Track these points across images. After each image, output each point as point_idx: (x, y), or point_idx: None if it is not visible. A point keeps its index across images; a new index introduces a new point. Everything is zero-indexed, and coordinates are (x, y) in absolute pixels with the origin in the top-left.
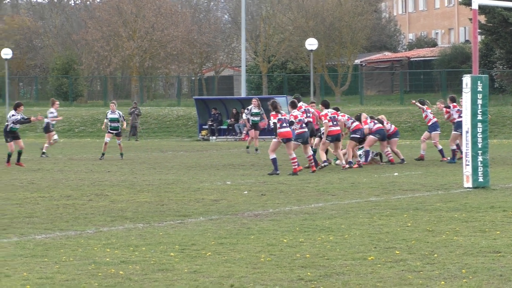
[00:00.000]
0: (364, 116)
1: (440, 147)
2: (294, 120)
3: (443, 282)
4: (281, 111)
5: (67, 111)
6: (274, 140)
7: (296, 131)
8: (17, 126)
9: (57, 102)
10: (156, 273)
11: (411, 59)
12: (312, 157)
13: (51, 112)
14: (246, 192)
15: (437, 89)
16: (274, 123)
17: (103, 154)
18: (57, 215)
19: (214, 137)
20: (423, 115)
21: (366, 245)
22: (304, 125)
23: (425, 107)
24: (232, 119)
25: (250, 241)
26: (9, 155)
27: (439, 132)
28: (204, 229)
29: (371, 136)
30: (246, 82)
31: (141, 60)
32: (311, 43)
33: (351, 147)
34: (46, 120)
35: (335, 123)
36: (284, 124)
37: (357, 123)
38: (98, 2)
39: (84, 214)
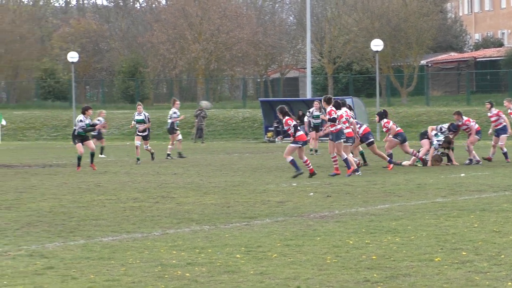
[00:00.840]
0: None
1: (505, 150)
2: (335, 117)
3: (510, 283)
4: (292, 115)
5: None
6: (291, 145)
7: (346, 132)
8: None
9: (178, 102)
10: (222, 275)
11: (477, 60)
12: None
13: (174, 112)
14: (311, 193)
15: (503, 89)
16: (295, 125)
17: (138, 159)
18: (123, 217)
19: (279, 139)
20: (494, 118)
21: (433, 246)
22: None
23: (496, 111)
24: (298, 121)
25: (316, 243)
26: (79, 159)
27: (507, 135)
28: (270, 230)
29: (392, 139)
30: (312, 84)
31: (206, 63)
32: (377, 44)
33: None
34: (169, 120)
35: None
36: (299, 128)
37: (365, 126)
38: (163, 5)
39: (151, 216)
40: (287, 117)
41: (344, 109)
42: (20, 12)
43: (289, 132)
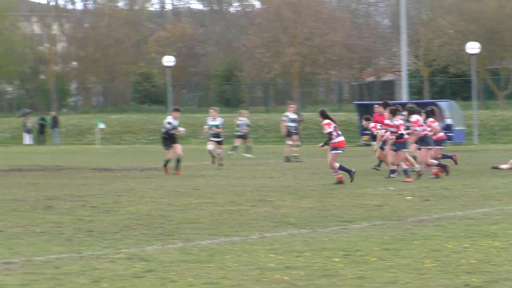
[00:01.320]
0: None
1: None
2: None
3: None
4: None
5: (229, 117)
6: (332, 152)
7: (434, 138)
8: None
9: (292, 105)
10: (320, 279)
11: None
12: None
13: (286, 116)
14: (409, 197)
15: None
16: (330, 132)
17: (213, 156)
18: (221, 220)
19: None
20: None
21: None
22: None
23: None
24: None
25: (414, 247)
26: (167, 161)
27: None
28: (367, 234)
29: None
30: (408, 87)
31: (301, 66)
32: (473, 47)
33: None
34: (292, 124)
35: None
36: (340, 132)
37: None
38: (258, 9)
39: (248, 219)
40: (327, 121)
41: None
42: (116, 16)
43: (329, 136)
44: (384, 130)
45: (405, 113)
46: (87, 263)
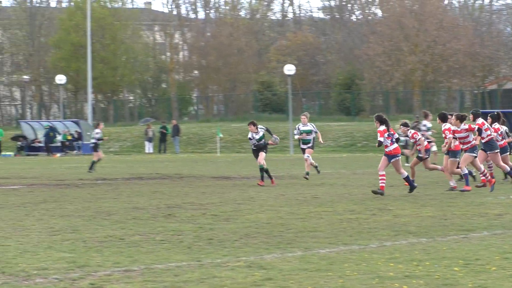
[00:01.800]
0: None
1: None
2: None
3: None
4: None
5: (350, 126)
6: (393, 161)
7: (499, 143)
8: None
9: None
10: None
11: None
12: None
13: (425, 125)
14: None
15: None
16: (380, 141)
17: (307, 172)
18: (340, 229)
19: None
20: None
21: None
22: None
23: None
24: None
25: None
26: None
27: None
28: (488, 243)
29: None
30: None
31: (423, 74)
32: None
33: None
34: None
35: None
36: (394, 140)
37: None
38: (379, 17)
39: (368, 228)
40: (383, 127)
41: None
42: (238, 25)
43: (385, 142)
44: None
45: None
46: (207, 271)
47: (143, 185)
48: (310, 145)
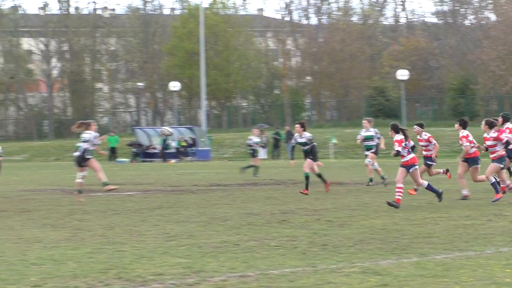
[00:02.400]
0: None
1: None
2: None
3: None
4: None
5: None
6: (411, 170)
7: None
8: None
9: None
10: None
11: None
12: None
13: None
14: None
15: None
16: (398, 151)
17: (370, 179)
18: (456, 235)
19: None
20: None
21: None
22: None
23: None
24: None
25: None
26: (318, 176)
27: None
28: None
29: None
30: None
31: None
32: None
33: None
34: None
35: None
36: (410, 150)
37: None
38: (493, 21)
39: (483, 234)
40: (399, 137)
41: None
42: (350, 31)
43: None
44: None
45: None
46: (322, 277)
47: (257, 191)
48: (373, 150)
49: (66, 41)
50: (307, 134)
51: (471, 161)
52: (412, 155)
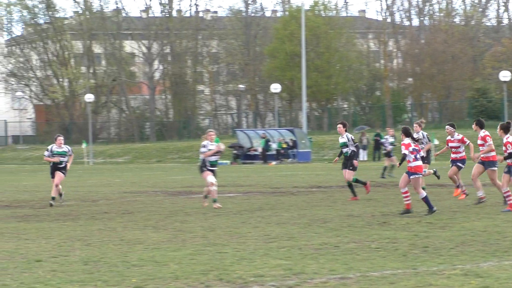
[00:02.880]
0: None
1: None
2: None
3: None
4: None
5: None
6: (412, 177)
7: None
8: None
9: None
10: None
11: None
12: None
13: None
14: None
15: None
16: (405, 154)
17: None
18: None
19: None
20: None
21: None
22: None
23: None
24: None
25: None
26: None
27: None
28: None
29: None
30: None
31: None
32: None
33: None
34: None
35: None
36: (418, 156)
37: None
38: None
39: None
40: (407, 141)
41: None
42: (452, 32)
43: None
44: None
45: None
46: (422, 279)
47: (357, 193)
48: (424, 155)
49: (168, 43)
50: (348, 135)
51: (488, 163)
52: (419, 162)
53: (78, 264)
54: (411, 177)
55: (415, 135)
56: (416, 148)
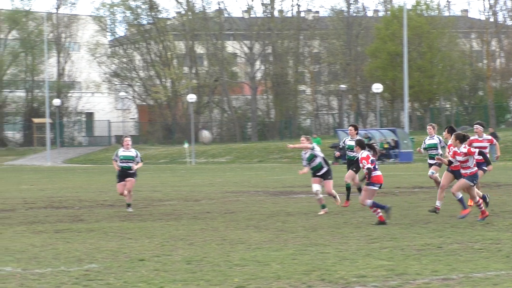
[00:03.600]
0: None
1: None
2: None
3: None
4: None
5: None
6: (369, 188)
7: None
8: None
9: None
10: None
11: None
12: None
13: None
14: None
15: None
16: (369, 168)
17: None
18: None
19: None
20: None
21: None
22: None
23: None
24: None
25: None
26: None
27: None
28: None
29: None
30: None
31: None
32: None
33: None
34: None
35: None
36: (377, 166)
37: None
38: None
39: None
40: (363, 154)
41: None
42: None
43: (365, 170)
44: None
45: None
46: None
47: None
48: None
49: (270, 43)
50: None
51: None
52: (379, 172)
53: (180, 264)
54: (369, 187)
55: (428, 140)
56: (374, 158)
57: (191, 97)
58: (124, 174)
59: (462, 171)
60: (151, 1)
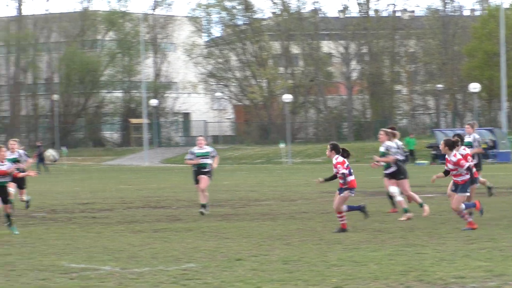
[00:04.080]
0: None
1: None
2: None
3: None
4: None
5: None
6: (343, 194)
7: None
8: None
9: None
10: None
11: None
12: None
13: None
14: None
15: None
16: (344, 173)
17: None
18: None
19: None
20: None
21: None
22: None
23: None
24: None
25: None
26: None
27: None
28: None
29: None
30: None
31: None
32: None
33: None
34: None
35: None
36: (352, 171)
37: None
38: None
39: None
40: (339, 159)
41: None
42: None
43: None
44: None
45: None
46: None
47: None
48: (474, 162)
49: (366, 43)
50: (398, 142)
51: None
52: (352, 177)
53: (278, 263)
54: (344, 192)
55: (466, 138)
56: (348, 163)
57: (287, 97)
58: (200, 173)
59: (454, 179)
60: (247, 1)
